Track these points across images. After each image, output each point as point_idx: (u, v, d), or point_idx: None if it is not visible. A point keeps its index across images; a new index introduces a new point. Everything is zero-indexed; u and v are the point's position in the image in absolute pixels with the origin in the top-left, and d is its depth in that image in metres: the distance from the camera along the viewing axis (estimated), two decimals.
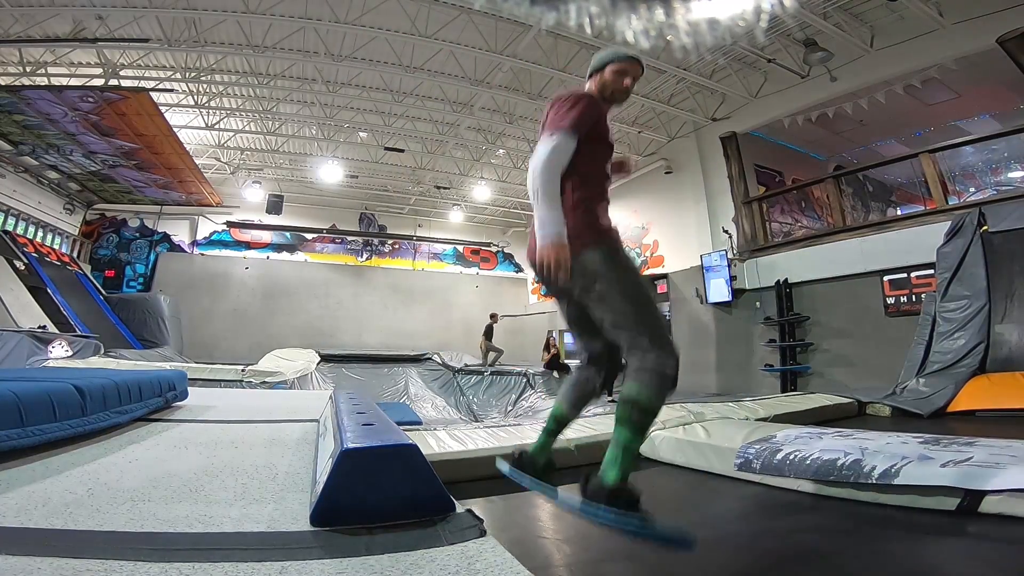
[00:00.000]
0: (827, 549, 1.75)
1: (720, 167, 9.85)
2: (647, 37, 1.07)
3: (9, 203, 10.64)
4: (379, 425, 1.56)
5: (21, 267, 9.33)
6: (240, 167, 13.29)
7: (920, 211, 7.57)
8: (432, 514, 1.20)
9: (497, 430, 3.36)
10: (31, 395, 1.65)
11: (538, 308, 16.62)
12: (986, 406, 4.69)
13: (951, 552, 1.72)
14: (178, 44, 7.72)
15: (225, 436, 2.20)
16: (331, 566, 0.93)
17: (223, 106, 10.40)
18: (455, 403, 9.25)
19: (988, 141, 7.89)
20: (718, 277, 9.35)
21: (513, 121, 10.63)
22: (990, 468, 2.00)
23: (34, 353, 7.00)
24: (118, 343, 9.83)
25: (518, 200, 15.86)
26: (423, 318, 15.99)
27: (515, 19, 7.35)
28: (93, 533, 1.06)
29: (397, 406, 8.12)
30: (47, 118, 8.75)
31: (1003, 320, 5.36)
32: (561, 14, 1.15)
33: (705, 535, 2.07)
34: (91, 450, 1.81)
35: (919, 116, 9.18)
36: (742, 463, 2.64)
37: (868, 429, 3.25)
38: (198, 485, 1.45)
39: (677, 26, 1.11)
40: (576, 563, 1.67)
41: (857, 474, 2.20)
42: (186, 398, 3.15)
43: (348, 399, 2.45)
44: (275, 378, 7.98)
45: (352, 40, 8.01)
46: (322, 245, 15.80)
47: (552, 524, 2.16)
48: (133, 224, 13.99)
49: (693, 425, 3.65)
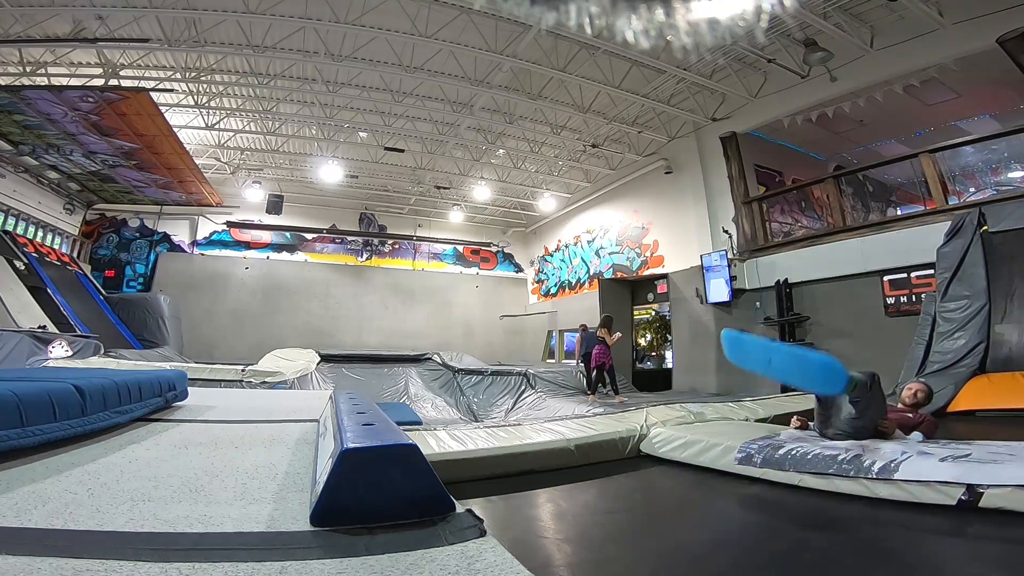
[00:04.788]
0: (827, 548, 1.75)
1: (720, 167, 9.85)
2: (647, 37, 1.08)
3: (9, 203, 10.64)
4: (379, 425, 1.56)
5: (21, 267, 9.33)
6: (240, 167, 13.29)
7: (920, 211, 7.56)
8: (432, 514, 1.20)
9: (497, 430, 3.36)
10: (31, 395, 1.65)
11: (538, 308, 16.63)
12: (986, 406, 4.69)
13: (951, 551, 1.72)
14: (178, 44, 7.72)
15: (225, 436, 2.20)
16: (331, 566, 0.93)
17: (223, 106, 10.40)
18: (455, 403, 9.25)
19: (988, 141, 7.88)
20: (718, 277, 9.34)
21: (513, 121, 10.63)
22: (990, 464, 2.00)
23: (34, 353, 7.00)
24: (118, 343, 9.84)
25: (518, 200, 15.87)
26: (423, 318, 16.00)
27: (515, 19, 7.35)
28: (93, 533, 1.06)
29: (397, 406, 8.12)
30: (47, 118, 8.75)
31: (1003, 320, 5.36)
32: (561, 14, 1.16)
33: (705, 535, 2.07)
34: (91, 450, 1.81)
35: (919, 116, 9.17)
36: (743, 457, 2.65)
37: None
38: (198, 485, 1.45)
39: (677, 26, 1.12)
40: (576, 563, 1.67)
41: (857, 468, 2.21)
42: (186, 398, 3.15)
43: (348, 399, 2.45)
44: (275, 378, 7.98)
45: (352, 40, 8.01)
46: (322, 245, 15.81)
47: (552, 524, 2.16)
48: (133, 224, 14.00)
49: (694, 424, 3.65)
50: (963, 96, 8.54)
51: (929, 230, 6.53)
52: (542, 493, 2.55)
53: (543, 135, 11.39)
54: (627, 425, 3.52)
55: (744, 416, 4.16)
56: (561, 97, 9.76)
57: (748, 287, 9.11)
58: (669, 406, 4.14)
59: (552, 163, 13.14)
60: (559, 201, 15.12)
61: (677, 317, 10.51)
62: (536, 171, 13.63)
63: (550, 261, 16.58)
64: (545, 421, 4.07)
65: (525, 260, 18.08)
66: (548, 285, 16.57)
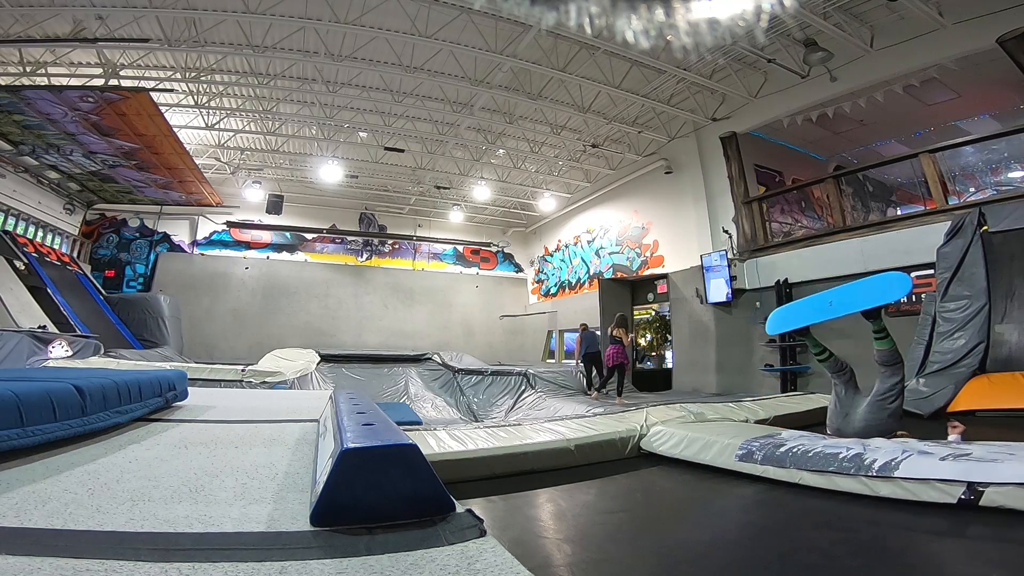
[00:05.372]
0: (828, 547, 1.75)
1: (720, 167, 9.85)
2: (647, 37, 1.07)
3: (9, 203, 10.64)
4: (379, 425, 1.56)
5: (21, 267, 9.33)
6: (240, 167, 13.29)
7: (920, 211, 7.56)
8: (432, 514, 1.20)
9: (497, 430, 3.36)
10: (31, 395, 1.65)
11: (538, 308, 16.63)
12: (986, 406, 4.69)
13: (952, 549, 1.72)
14: (178, 44, 7.72)
15: (225, 436, 2.20)
16: (331, 566, 0.93)
17: (223, 106, 10.40)
18: (455, 403, 9.25)
19: (988, 141, 7.88)
20: (718, 277, 9.34)
21: (513, 121, 10.63)
22: (990, 463, 2.00)
23: (34, 353, 7.00)
24: (118, 343, 9.84)
25: (518, 200, 15.87)
26: (423, 318, 16.00)
27: (515, 19, 7.35)
28: (93, 533, 1.06)
29: (397, 406, 8.12)
30: (47, 118, 8.75)
31: (1003, 320, 5.36)
32: (561, 14, 1.15)
33: (705, 534, 2.07)
34: (91, 450, 1.81)
35: (919, 116, 9.17)
36: (744, 454, 2.65)
37: None
38: (198, 485, 1.45)
39: (677, 26, 1.11)
40: (576, 563, 1.67)
41: (858, 466, 2.20)
42: (186, 398, 3.15)
43: (348, 399, 2.45)
44: (275, 378, 7.98)
45: (352, 40, 8.01)
46: (322, 245, 15.80)
47: (552, 524, 2.16)
48: (133, 224, 13.99)
49: (694, 424, 3.65)
50: (963, 96, 8.54)
51: (929, 230, 6.53)
52: (542, 493, 2.55)
53: (543, 135, 11.39)
54: (627, 425, 3.52)
55: (744, 416, 4.16)
56: (561, 97, 9.76)
57: (748, 287, 9.10)
58: (669, 406, 4.14)
59: (552, 163, 13.14)
60: (559, 201, 15.12)
61: (677, 317, 10.51)
62: (536, 171, 13.63)
63: (550, 261, 16.58)
64: (545, 421, 4.07)
65: (525, 260, 18.08)
66: (548, 285, 16.57)
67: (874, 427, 2.87)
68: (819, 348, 3.39)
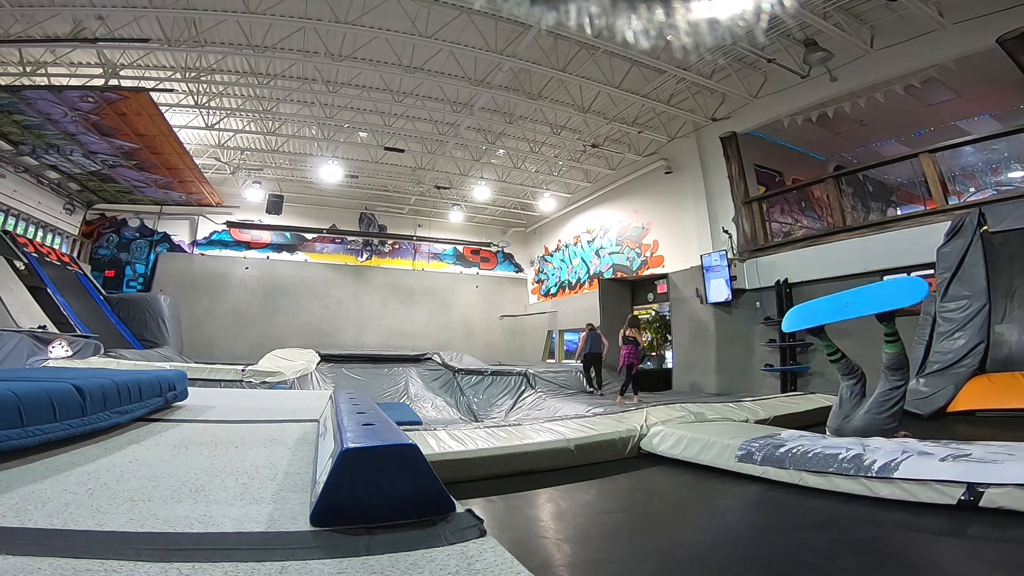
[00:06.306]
0: (827, 548, 1.75)
1: (720, 167, 9.85)
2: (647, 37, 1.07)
3: (9, 203, 10.63)
4: (379, 425, 1.56)
5: (21, 267, 9.33)
6: (240, 167, 13.29)
7: (920, 211, 7.56)
8: (432, 514, 1.20)
9: (497, 430, 3.36)
10: (31, 395, 1.65)
11: (538, 308, 16.63)
12: (986, 406, 4.69)
13: (951, 550, 1.72)
14: (178, 44, 7.72)
15: (225, 436, 2.20)
16: (331, 566, 0.93)
17: (223, 106, 10.40)
18: (455, 403, 9.26)
19: (988, 141, 7.88)
20: (718, 277, 9.34)
21: (513, 121, 10.62)
22: (990, 464, 1.99)
23: (34, 353, 7.00)
24: (118, 343, 9.84)
25: (518, 200, 15.87)
26: (423, 318, 16.00)
27: (515, 19, 7.35)
28: (93, 533, 1.06)
29: (397, 406, 8.12)
30: (47, 118, 8.75)
31: (1003, 320, 5.36)
32: (561, 14, 1.15)
33: (705, 534, 2.07)
34: (91, 450, 1.81)
35: (919, 116, 9.17)
36: (744, 455, 2.65)
37: None
38: (198, 485, 1.45)
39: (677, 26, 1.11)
40: (576, 563, 1.67)
41: (858, 467, 2.20)
42: (186, 398, 3.15)
43: (348, 399, 2.45)
44: (275, 378, 7.98)
45: (352, 40, 8.01)
46: (322, 245, 15.80)
47: (552, 524, 2.16)
48: (133, 224, 13.99)
49: (694, 423, 3.65)
50: (963, 96, 8.54)
51: (929, 230, 6.52)
52: (542, 493, 2.55)
53: (543, 135, 11.39)
54: (627, 425, 3.52)
55: (744, 417, 4.16)
56: (561, 97, 9.76)
57: (748, 287, 9.10)
58: (669, 406, 4.14)
59: (552, 163, 13.14)
60: (559, 201, 15.11)
61: (677, 317, 10.51)
62: (536, 171, 13.63)
63: (550, 261, 16.58)
64: (545, 421, 4.07)
65: (525, 260, 18.08)
66: (548, 285, 16.57)
67: (874, 429, 2.88)
68: (832, 348, 3.43)
